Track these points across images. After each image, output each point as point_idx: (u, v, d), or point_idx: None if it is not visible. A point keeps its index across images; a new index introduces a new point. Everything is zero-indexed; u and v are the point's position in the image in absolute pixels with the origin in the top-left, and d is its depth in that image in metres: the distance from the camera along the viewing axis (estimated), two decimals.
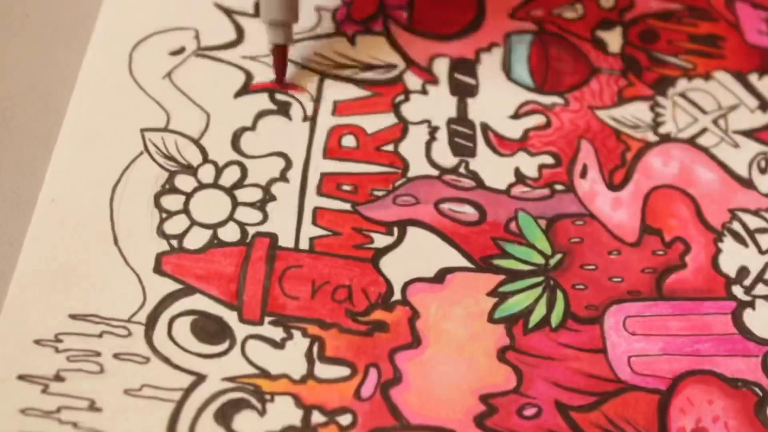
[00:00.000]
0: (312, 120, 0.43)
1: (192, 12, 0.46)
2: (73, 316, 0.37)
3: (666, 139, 0.45)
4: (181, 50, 0.44)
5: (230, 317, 0.38)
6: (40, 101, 0.43)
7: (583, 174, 0.43)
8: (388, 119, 0.44)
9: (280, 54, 0.44)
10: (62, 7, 0.46)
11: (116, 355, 0.36)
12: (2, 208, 0.40)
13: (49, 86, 0.43)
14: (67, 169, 0.41)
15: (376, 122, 0.44)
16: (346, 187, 0.42)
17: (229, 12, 0.46)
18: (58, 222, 0.39)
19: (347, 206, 0.41)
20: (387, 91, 0.45)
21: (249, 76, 0.44)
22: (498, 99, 0.45)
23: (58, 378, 0.36)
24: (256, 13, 0.46)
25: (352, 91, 0.44)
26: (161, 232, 0.40)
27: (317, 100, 0.44)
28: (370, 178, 0.42)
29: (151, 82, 0.43)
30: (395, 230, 0.41)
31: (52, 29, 0.45)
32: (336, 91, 0.44)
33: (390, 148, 0.43)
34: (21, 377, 0.36)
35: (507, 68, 0.46)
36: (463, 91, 0.45)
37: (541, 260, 0.41)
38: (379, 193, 0.42)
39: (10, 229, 0.39)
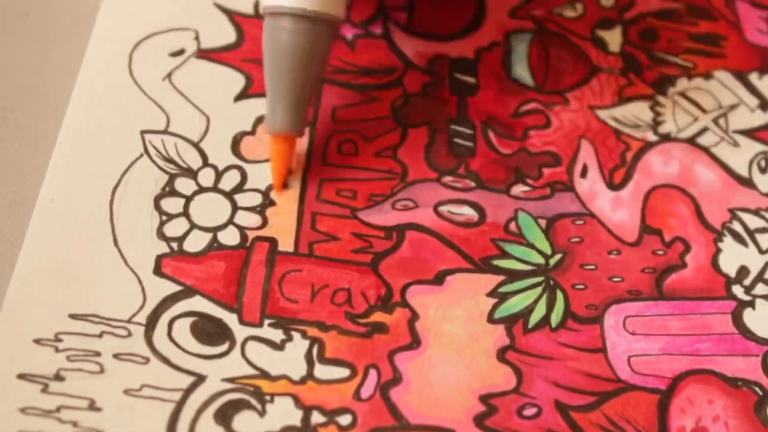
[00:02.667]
0: (311, 126, 0.43)
1: (192, 13, 0.46)
2: (73, 316, 0.37)
3: (666, 138, 0.45)
4: (181, 51, 0.44)
5: (230, 319, 0.38)
6: (40, 101, 0.43)
7: (583, 173, 0.43)
8: (386, 124, 0.44)
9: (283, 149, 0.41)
10: (62, 7, 0.46)
11: (116, 355, 0.36)
12: (2, 208, 0.40)
13: (49, 86, 0.43)
14: (67, 169, 0.41)
15: (374, 128, 0.44)
16: (346, 193, 0.42)
17: (229, 13, 0.46)
18: (58, 222, 0.39)
19: (347, 211, 0.41)
20: (386, 95, 0.45)
21: (249, 79, 0.44)
22: (498, 98, 0.45)
23: (57, 377, 0.36)
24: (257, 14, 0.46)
25: (350, 97, 0.44)
26: (161, 235, 0.39)
27: (316, 106, 0.44)
28: (370, 183, 0.42)
29: (151, 83, 0.43)
30: (394, 234, 0.41)
31: (52, 29, 0.45)
32: (335, 97, 0.44)
33: (389, 153, 0.43)
34: (21, 376, 0.36)
35: (507, 67, 0.46)
36: (463, 91, 0.45)
37: (540, 260, 0.41)
38: (379, 199, 0.42)
39: (9, 229, 0.39)
